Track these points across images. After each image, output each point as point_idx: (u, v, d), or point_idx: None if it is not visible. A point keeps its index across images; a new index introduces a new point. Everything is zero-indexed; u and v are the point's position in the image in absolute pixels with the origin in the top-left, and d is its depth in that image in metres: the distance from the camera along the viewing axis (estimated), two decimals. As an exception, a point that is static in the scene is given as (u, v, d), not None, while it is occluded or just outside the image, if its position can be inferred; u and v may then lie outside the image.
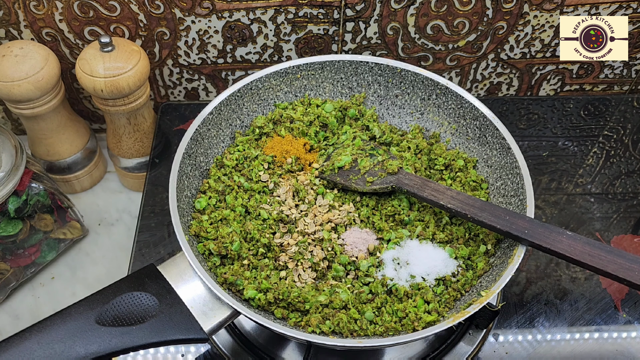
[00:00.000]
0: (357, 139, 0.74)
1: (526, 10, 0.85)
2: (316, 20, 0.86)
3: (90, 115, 0.98)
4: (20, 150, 0.74)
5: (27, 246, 0.81)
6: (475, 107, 0.73)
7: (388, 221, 0.70)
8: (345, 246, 0.67)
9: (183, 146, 0.68)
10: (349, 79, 0.79)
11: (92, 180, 0.95)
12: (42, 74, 0.77)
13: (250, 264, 0.65)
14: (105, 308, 0.56)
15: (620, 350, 0.71)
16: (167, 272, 0.60)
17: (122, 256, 0.87)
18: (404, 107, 0.79)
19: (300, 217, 0.69)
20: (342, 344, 0.57)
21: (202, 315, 0.58)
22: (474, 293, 0.62)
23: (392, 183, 0.69)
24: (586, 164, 0.90)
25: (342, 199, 0.71)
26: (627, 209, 0.85)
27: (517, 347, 0.71)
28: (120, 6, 0.82)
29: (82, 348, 0.53)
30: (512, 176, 0.68)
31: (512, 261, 0.60)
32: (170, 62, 0.91)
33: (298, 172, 0.74)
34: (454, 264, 0.65)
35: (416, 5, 0.84)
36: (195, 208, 0.69)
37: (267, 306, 0.62)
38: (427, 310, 0.61)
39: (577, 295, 0.76)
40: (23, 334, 0.54)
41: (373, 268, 0.65)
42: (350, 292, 0.63)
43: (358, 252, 0.66)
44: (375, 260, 0.65)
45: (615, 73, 0.97)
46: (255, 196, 0.70)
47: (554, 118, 0.95)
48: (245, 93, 0.75)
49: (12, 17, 0.82)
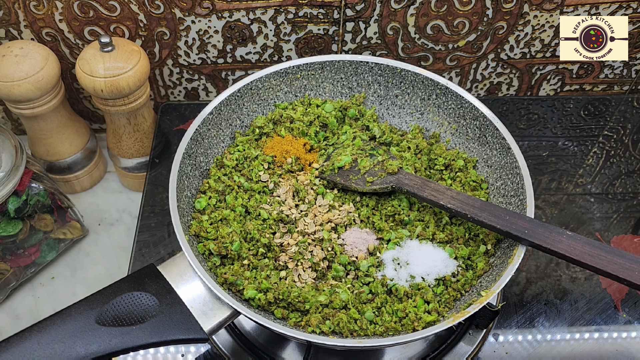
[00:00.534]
0: (357, 139, 0.74)
1: (526, 10, 0.85)
2: (316, 20, 0.86)
3: (90, 115, 0.98)
4: (20, 150, 0.74)
5: (27, 246, 0.81)
6: (475, 107, 0.73)
7: (388, 221, 0.70)
8: (345, 246, 0.67)
9: (183, 146, 0.68)
10: (349, 79, 0.79)
11: (92, 180, 0.95)
12: (42, 74, 0.77)
13: (250, 264, 0.65)
14: (105, 308, 0.56)
15: (620, 350, 0.71)
16: (167, 272, 0.60)
17: (122, 256, 0.88)
18: (404, 107, 0.79)
19: (300, 217, 0.69)
20: (342, 344, 0.57)
21: (202, 315, 0.58)
22: (474, 293, 0.62)
23: (392, 183, 0.69)
24: (586, 164, 0.90)
25: (342, 199, 0.71)
26: (627, 209, 0.85)
27: (517, 347, 0.71)
28: (120, 6, 0.82)
29: (82, 348, 0.54)
30: (512, 176, 0.68)
31: (512, 261, 0.60)
32: (170, 62, 0.91)
33: (298, 172, 0.74)
34: (453, 264, 0.65)
35: (416, 5, 0.84)
36: (195, 208, 0.69)
37: (267, 306, 0.62)
38: (427, 310, 0.61)
39: (577, 295, 0.76)
40: (23, 334, 0.54)
41: (373, 268, 0.65)
42: (350, 292, 0.63)
43: (358, 252, 0.66)
44: (375, 260, 0.65)
45: (615, 73, 0.97)
46: (255, 196, 0.70)
47: (554, 118, 0.95)
48: (245, 93, 0.75)
49: (12, 17, 0.82)
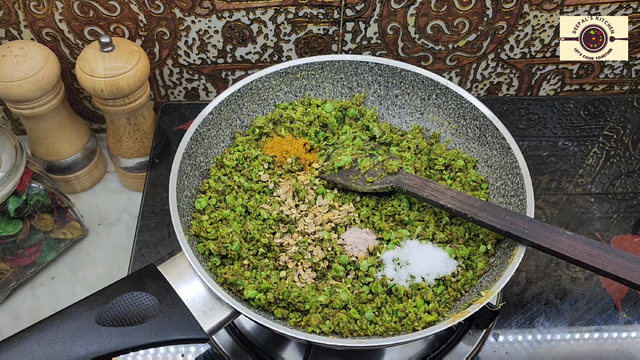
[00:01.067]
0: (357, 139, 0.74)
1: (526, 10, 0.85)
2: (316, 20, 0.86)
3: (90, 115, 0.98)
4: (20, 150, 0.74)
5: (27, 246, 0.81)
6: (475, 107, 0.73)
7: (388, 221, 0.69)
8: (345, 246, 0.67)
9: (183, 146, 0.68)
10: (349, 79, 0.79)
11: (92, 180, 0.95)
12: (42, 74, 0.77)
13: (250, 264, 0.65)
14: (106, 308, 0.56)
15: (620, 350, 0.71)
16: (167, 272, 0.60)
17: (122, 256, 0.87)
18: (404, 107, 0.79)
19: (300, 217, 0.69)
20: (342, 344, 0.57)
21: (202, 315, 0.58)
22: (474, 293, 0.62)
23: (392, 183, 0.69)
24: (586, 164, 0.90)
25: (342, 199, 0.71)
26: (627, 209, 0.85)
27: (517, 347, 0.71)
28: (120, 6, 0.82)
29: (82, 348, 0.54)
30: (512, 176, 0.68)
31: (512, 261, 0.60)
32: (170, 62, 0.91)
33: (298, 172, 0.74)
34: (453, 264, 0.65)
35: (416, 5, 0.84)
36: (195, 208, 0.69)
37: (267, 306, 0.62)
38: (427, 310, 0.61)
39: (577, 295, 0.76)
40: (23, 334, 0.54)
41: (373, 268, 0.65)
42: (350, 292, 0.63)
43: (358, 252, 0.66)
44: (375, 260, 0.65)
45: (615, 73, 0.97)
46: (255, 196, 0.70)
47: (554, 118, 0.95)
48: (245, 93, 0.75)
49: (12, 17, 0.82)
